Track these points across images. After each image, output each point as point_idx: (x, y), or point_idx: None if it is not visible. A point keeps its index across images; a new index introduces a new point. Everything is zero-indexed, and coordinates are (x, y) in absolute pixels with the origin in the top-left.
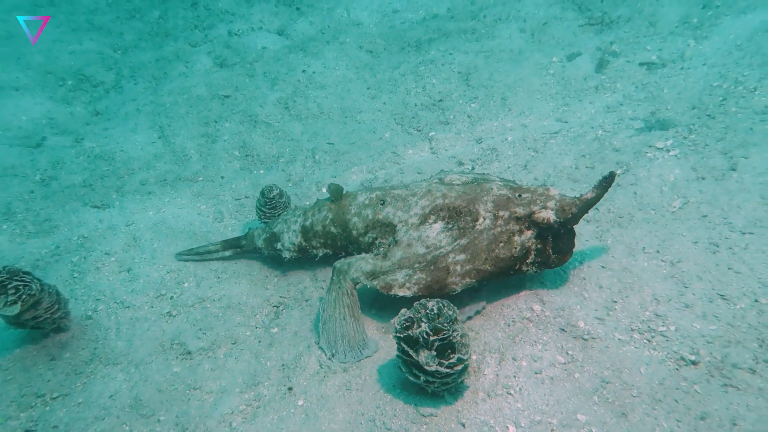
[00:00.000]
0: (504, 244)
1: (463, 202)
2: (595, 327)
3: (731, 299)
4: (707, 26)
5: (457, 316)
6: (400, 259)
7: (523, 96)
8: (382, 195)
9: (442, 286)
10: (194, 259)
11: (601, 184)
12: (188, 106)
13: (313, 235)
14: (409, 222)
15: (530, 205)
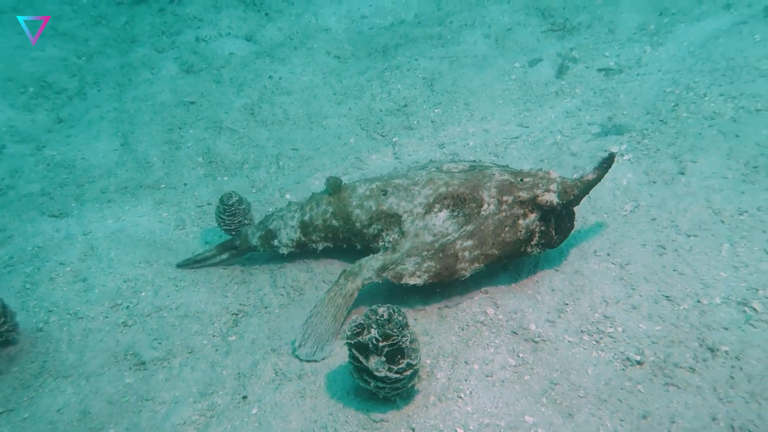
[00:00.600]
0: (509, 228)
1: (466, 189)
2: (546, 329)
3: (675, 300)
4: (663, 33)
5: (407, 322)
6: (408, 249)
7: (485, 101)
8: (383, 185)
9: (452, 272)
10: (194, 267)
11: (602, 166)
12: (152, 113)
13: (313, 230)
14: (414, 212)
15: (533, 188)
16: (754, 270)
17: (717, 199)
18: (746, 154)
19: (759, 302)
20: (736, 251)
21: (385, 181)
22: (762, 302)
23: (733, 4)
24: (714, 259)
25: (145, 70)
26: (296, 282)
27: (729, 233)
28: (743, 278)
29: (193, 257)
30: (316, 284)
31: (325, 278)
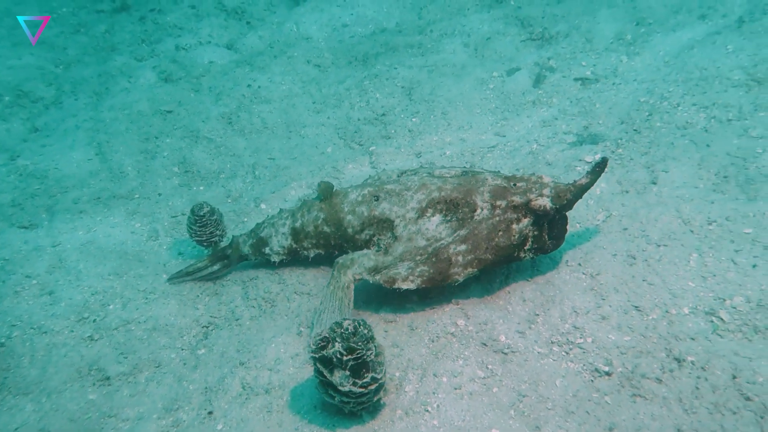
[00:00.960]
0: (503, 233)
1: (459, 194)
2: (515, 341)
3: (644, 310)
4: (640, 43)
5: (372, 335)
6: (401, 254)
7: (463, 110)
8: (375, 191)
9: (445, 276)
10: (186, 280)
11: (595, 170)
12: (129, 122)
13: (305, 236)
14: (407, 216)
15: (526, 193)
16: (721, 280)
17: (687, 208)
18: (717, 163)
19: (726, 312)
20: (705, 261)
21: (378, 186)
22: (729, 312)
23: (708, 15)
24: (683, 269)
25: (122, 78)
26: (268, 294)
27: (698, 243)
28: (711, 288)
29: (184, 269)
30: (287, 296)
31: (297, 289)
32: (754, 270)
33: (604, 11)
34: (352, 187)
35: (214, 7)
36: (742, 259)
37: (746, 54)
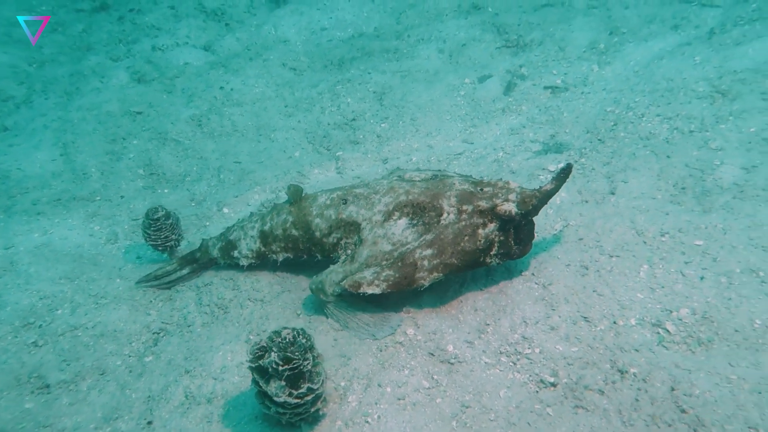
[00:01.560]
0: (469, 238)
1: (426, 198)
2: (463, 350)
3: (593, 321)
4: (612, 52)
5: (312, 344)
6: (367, 258)
7: (432, 117)
8: (344, 194)
9: (411, 281)
10: (155, 285)
11: (559, 176)
12: (96, 123)
13: (273, 240)
14: (374, 219)
15: (492, 198)
16: (669, 291)
17: (641, 219)
18: (675, 175)
19: (672, 324)
20: (654, 272)
21: (347, 190)
22: (675, 324)
23: (681, 25)
24: (632, 281)
25: (94, 78)
26: (221, 300)
27: (649, 254)
28: (659, 300)
29: (152, 273)
30: (241, 302)
31: (251, 296)
32: (702, 282)
33: (579, 20)
34: (322, 191)
35: (194, 8)
36: (690, 271)
37: (712, 66)
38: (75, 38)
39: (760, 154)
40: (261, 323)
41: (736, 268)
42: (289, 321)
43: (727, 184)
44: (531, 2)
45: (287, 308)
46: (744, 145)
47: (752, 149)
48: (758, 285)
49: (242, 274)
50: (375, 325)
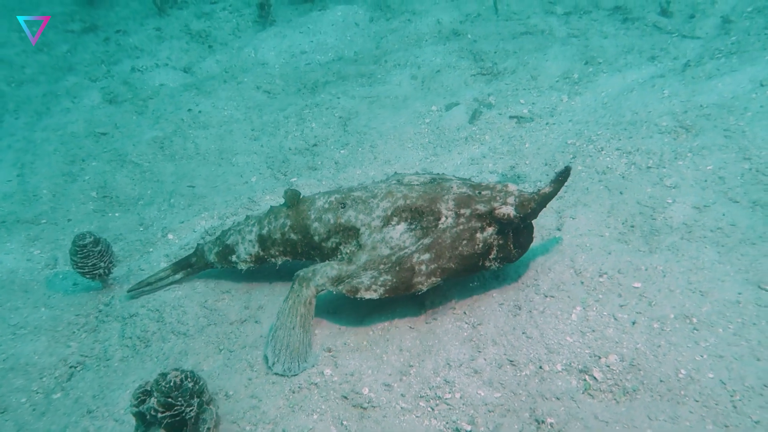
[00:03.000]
0: (467, 242)
1: (424, 202)
2: (379, 394)
3: (519, 365)
4: (585, 82)
5: (201, 389)
6: (365, 262)
7: (393, 144)
8: (342, 198)
9: (408, 286)
10: (146, 291)
11: (558, 179)
12: (59, 144)
13: (272, 244)
14: (372, 225)
15: (491, 201)
16: (599, 336)
17: (582, 258)
18: (626, 212)
19: (599, 370)
20: (587, 315)
21: (345, 193)
22: (602, 371)
23: (659, 56)
24: (563, 323)
25: (66, 99)
26: (144, 333)
27: (585, 295)
28: (588, 344)
29: (145, 279)
30: (164, 335)
31: (175, 329)
32: (633, 327)
33: (556, 48)
34: (320, 194)
35: (179, 30)
36: (624, 315)
37: (680, 99)
38: (58, 58)
39: (714, 193)
40: (179, 359)
41: (670, 314)
42: (209, 357)
43: (677, 224)
44: (510, 30)
45: (210, 343)
46: (699, 184)
47: (707, 188)
48: (690, 332)
49: (169, 306)
50: (290, 356)
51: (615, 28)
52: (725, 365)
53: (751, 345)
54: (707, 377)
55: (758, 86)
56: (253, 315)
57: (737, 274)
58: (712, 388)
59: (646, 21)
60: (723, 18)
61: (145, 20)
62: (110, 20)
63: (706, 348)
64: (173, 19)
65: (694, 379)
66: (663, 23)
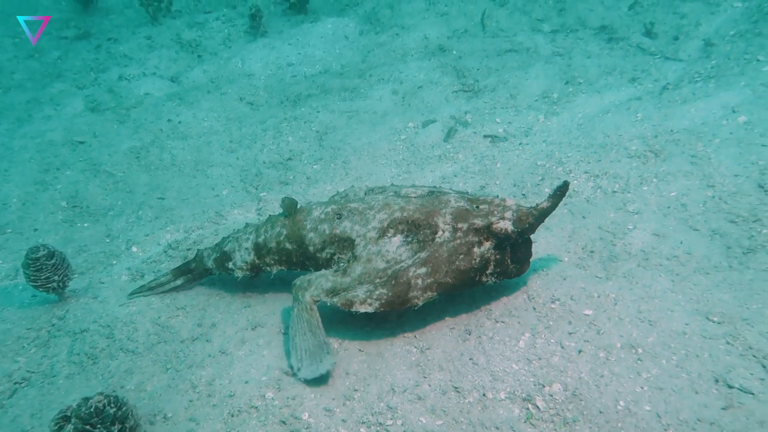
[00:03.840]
0: (464, 256)
1: (421, 215)
2: (319, 419)
3: (463, 392)
4: (563, 102)
5: (125, 414)
6: (360, 275)
7: (367, 160)
8: (338, 209)
9: (404, 300)
10: (146, 295)
11: (556, 194)
12: (35, 151)
13: (267, 252)
14: (368, 236)
15: (488, 216)
16: (545, 364)
17: (536, 284)
18: (586, 237)
19: (542, 399)
20: (535, 342)
21: (341, 204)
22: (545, 399)
23: (640, 78)
24: (510, 350)
25: (49, 106)
26: (93, 349)
27: (535, 322)
28: (534, 372)
29: (146, 284)
30: (112, 353)
31: (124, 346)
32: (579, 356)
33: (538, 67)
34: (317, 204)
35: (170, 39)
36: (571, 343)
37: (651, 123)
38: (49, 65)
39: (675, 220)
40: (124, 378)
41: (617, 343)
42: (154, 377)
43: (635, 251)
44: (496, 47)
45: (158, 362)
46: (662, 210)
47: (669, 214)
48: (633, 362)
49: (121, 322)
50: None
51: (599, 47)
52: (663, 398)
53: (692, 378)
54: (644, 410)
55: (730, 112)
56: (205, 333)
57: (688, 304)
58: (648, 421)
59: (631, 41)
60: (705, 41)
61: (138, 29)
62: (104, 28)
63: (647, 379)
64: (165, 28)
65: (631, 411)
66: (647, 44)
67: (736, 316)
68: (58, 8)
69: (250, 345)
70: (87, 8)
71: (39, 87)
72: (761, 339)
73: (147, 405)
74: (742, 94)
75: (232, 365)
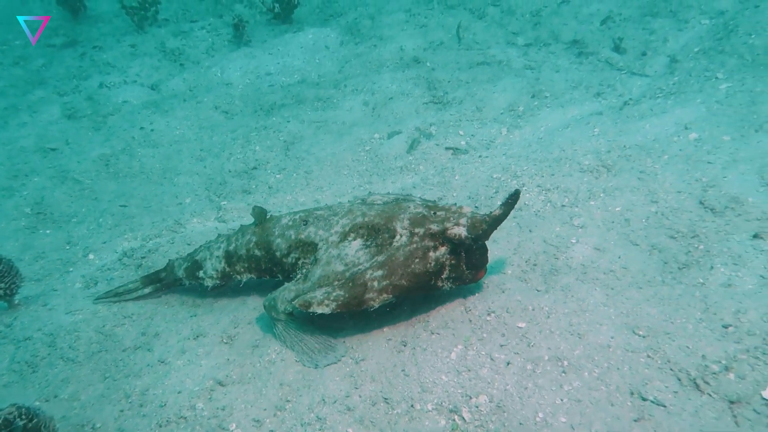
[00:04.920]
0: (419, 260)
1: (381, 220)
2: (246, 430)
3: (392, 403)
4: (527, 116)
5: (37, 426)
6: (319, 278)
7: (329, 170)
8: (306, 216)
9: (360, 302)
10: (112, 300)
11: (507, 202)
12: (5, 158)
13: (237, 260)
14: (330, 240)
15: (444, 222)
16: (474, 376)
17: (475, 296)
18: (531, 250)
19: (468, 411)
20: (467, 354)
21: (309, 212)
22: (471, 411)
23: (604, 93)
24: (442, 361)
25: (25, 113)
26: (34, 357)
27: (469, 334)
28: (462, 384)
29: (113, 290)
30: (52, 361)
31: (65, 355)
32: (507, 368)
33: (507, 80)
34: (287, 213)
35: (154, 48)
36: (501, 356)
37: (606, 139)
38: (33, 72)
39: (617, 235)
40: (60, 387)
41: (545, 355)
42: (90, 386)
43: (576, 264)
44: (468, 59)
45: (97, 371)
46: (606, 224)
47: (612, 229)
48: (558, 375)
49: (64, 330)
50: (319, 352)
51: (569, 61)
52: (580, 410)
53: (610, 390)
54: (560, 421)
55: (682, 129)
56: (148, 342)
57: (618, 317)
58: None
59: (600, 56)
60: (671, 57)
61: (123, 37)
62: (91, 35)
63: (568, 392)
64: (150, 37)
65: (548, 423)
66: (615, 59)
67: (660, 330)
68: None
69: (189, 355)
70: (76, 16)
71: (20, 94)
72: (680, 352)
73: (78, 415)
74: (697, 111)
75: (169, 375)
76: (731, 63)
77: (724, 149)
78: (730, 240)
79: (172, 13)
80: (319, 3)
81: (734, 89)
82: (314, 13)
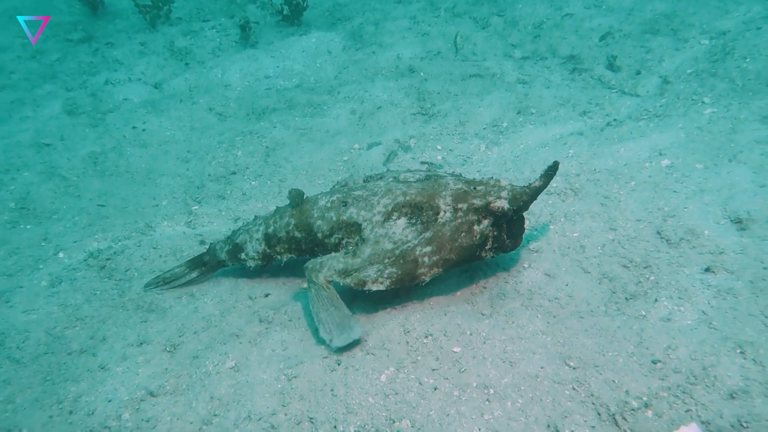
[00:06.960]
0: (465, 234)
1: (423, 198)
2: None
3: (317, 423)
4: (509, 132)
5: None
6: (369, 256)
7: (303, 179)
8: (344, 197)
9: (413, 277)
10: (163, 287)
11: (547, 173)
12: (1, 152)
13: (277, 242)
14: (374, 220)
15: (486, 196)
16: (401, 399)
17: (416, 318)
18: (483, 273)
19: None
20: (397, 377)
21: (346, 192)
22: None
23: (591, 112)
24: (371, 383)
25: (29, 107)
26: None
27: (404, 356)
28: (387, 407)
29: (161, 276)
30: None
31: (11, 355)
32: (434, 393)
33: (496, 94)
34: (322, 194)
35: (163, 46)
36: (430, 380)
37: (579, 161)
38: (47, 66)
39: (570, 261)
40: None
41: (473, 382)
42: (28, 389)
43: (524, 290)
44: (462, 71)
45: (39, 374)
46: (561, 250)
47: (566, 255)
48: (482, 403)
49: (14, 330)
50: (338, 327)
51: (562, 77)
52: None
53: (528, 422)
54: None
55: (656, 155)
56: (94, 346)
57: (553, 347)
58: None
59: (593, 73)
60: (663, 78)
61: (136, 34)
62: (107, 32)
63: (487, 421)
64: (161, 35)
65: None
66: (608, 77)
67: (590, 362)
68: (70, 11)
69: (129, 362)
70: (95, 12)
71: (29, 88)
72: (604, 386)
73: (8, 419)
74: (675, 136)
75: (105, 382)
76: (720, 87)
77: (693, 178)
78: (680, 273)
79: (187, 11)
80: (329, 6)
81: (717, 115)
82: (323, 17)
